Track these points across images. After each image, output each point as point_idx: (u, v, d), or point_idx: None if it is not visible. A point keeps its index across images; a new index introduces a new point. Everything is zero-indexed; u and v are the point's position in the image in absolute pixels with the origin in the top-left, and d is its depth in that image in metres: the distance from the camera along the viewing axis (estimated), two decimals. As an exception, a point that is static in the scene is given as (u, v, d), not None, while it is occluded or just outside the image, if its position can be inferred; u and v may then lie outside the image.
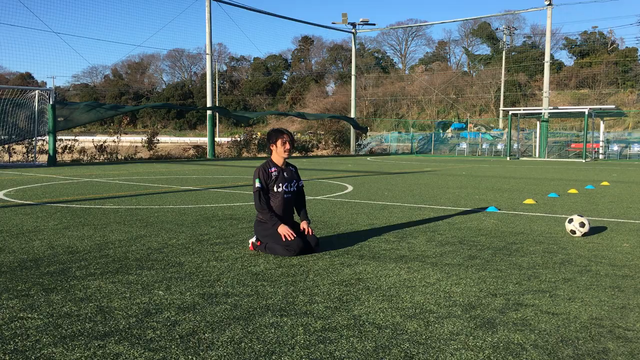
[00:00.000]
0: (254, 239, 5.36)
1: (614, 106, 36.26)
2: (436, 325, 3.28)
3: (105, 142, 25.91)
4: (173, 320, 3.33)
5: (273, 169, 5.34)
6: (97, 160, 24.76)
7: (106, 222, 6.99)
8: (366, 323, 3.31)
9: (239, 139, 33.63)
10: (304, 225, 5.36)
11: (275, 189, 5.31)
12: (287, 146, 5.34)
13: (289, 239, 5.04)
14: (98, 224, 6.84)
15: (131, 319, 3.34)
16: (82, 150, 25.38)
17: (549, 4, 34.41)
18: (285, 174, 5.40)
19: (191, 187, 11.96)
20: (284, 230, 5.08)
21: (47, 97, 21.60)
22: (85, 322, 3.27)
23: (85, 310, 3.49)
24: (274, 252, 5.14)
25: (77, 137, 26.15)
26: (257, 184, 5.27)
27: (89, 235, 6.11)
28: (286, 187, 5.36)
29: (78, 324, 3.24)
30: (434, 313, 3.51)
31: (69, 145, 24.86)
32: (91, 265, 4.71)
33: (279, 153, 5.37)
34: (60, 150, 23.79)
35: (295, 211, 5.58)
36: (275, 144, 5.36)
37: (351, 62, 43.46)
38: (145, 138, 29.05)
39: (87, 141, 27.04)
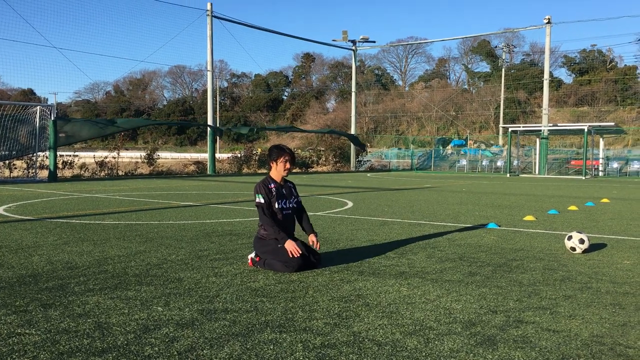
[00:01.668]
0: (253, 255, 5.34)
1: (613, 124, 36.36)
2: (436, 342, 3.26)
3: (106, 157, 25.94)
4: (172, 336, 3.31)
5: (272, 185, 5.33)
6: (98, 176, 24.77)
7: (106, 238, 6.98)
8: (366, 340, 3.29)
9: (239, 155, 33.68)
10: (312, 238, 5.36)
11: (275, 206, 5.30)
12: (288, 165, 5.34)
13: (296, 256, 4.98)
14: (97, 240, 6.83)
15: (129, 335, 3.33)
16: (83, 166, 25.41)
17: (547, 22, 34.67)
18: (283, 190, 5.40)
19: (191, 203, 11.96)
20: (291, 246, 5.01)
21: (49, 113, 21.69)
22: (83, 338, 3.25)
23: (83, 326, 3.47)
24: (273, 268, 5.13)
25: (77, 153, 26.19)
26: (259, 199, 5.24)
27: (88, 250, 6.10)
28: (284, 203, 5.35)
29: (76, 340, 3.22)
30: (434, 330, 3.49)
31: (69, 161, 24.88)
32: (90, 280, 4.70)
33: (278, 171, 5.36)
34: (60, 166, 23.80)
35: (300, 225, 5.57)
36: (275, 161, 5.35)
37: (351, 78, 43.68)
38: (145, 154, 29.10)
39: (88, 157, 27.08)
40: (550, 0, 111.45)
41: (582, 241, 6.18)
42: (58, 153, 22.88)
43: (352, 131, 41.52)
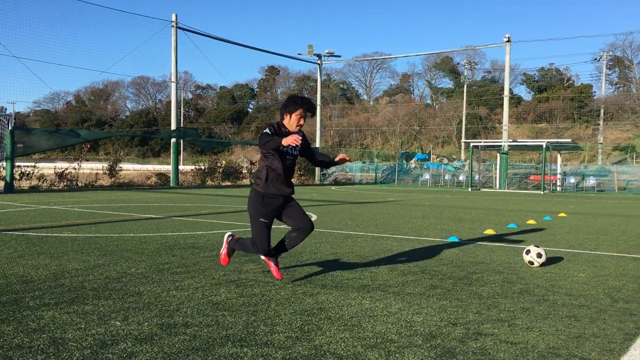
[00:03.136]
0: (229, 233, 5.42)
1: (570, 140, 37.45)
2: (397, 355, 3.28)
3: (66, 169, 25.31)
4: (129, 351, 3.25)
5: (284, 129, 5.06)
6: (57, 188, 24.17)
7: (63, 251, 6.81)
8: (327, 353, 3.29)
9: (203, 167, 33.37)
10: (341, 155, 5.26)
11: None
12: (301, 121, 5.06)
13: (297, 144, 4.64)
14: (54, 253, 6.65)
15: (86, 350, 3.25)
16: (41, 177, 24.74)
17: (507, 41, 35.61)
18: None
19: (153, 215, 11.77)
20: (289, 138, 4.64)
21: (6, 122, 21.11)
22: (38, 354, 3.16)
23: (37, 342, 3.37)
24: (245, 248, 5.14)
25: (36, 164, 25.50)
26: (267, 131, 4.95)
27: (44, 264, 5.94)
28: (290, 149, 5.07)
29: (29, 356, 3.13)
30: (395, 343, 3.51)
31: (27, 172, 24.19)
32: (45, 295, 4.57)
33: (291, 124, 5.06)
34: (18, 177, 23.13)
35: (319, 163, 5.60)
36: (290, 114, 5.04)
37: (317, 92, 43.91)
38: (106, 165, 28.53)
39: (47, 168, 26.38)
40: (511, 19, 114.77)
41: (539, 255, 6.32)
42: (15, 164, 22.26)
43: (317, 144, 41.67)
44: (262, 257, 5.29)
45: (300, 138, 4.70)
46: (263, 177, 5.03)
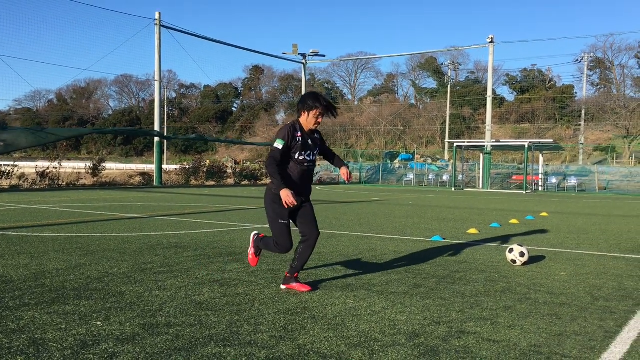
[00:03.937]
0: (255, 232, 5.32)
1: (552, 140, 37.80)
2: (381, 354, 3.29)
3: (48, 168, 25.01)
4: (111, 352, 3.21)
5: (299, 133, 4.83)
6: (38, 187, 23.87)
7: (44, 251, 6.72)
8: (311, 352, 3.29)
9: (187, 166, 33.19)
10: (344, 170, 5.07)
11: (296, 156, 4.81)
12: (320, 120, 4.91)
13: (290, 205, 4.63)
14: (35, 253, 6.57)
15: (66, 351, 3.21)
16: (22, 176, 24.42)
17: (490, 42, 35.90)
18: (310, 141, 4.91)
19: (136, 215, 11.68)
20: (285, 194, 4.58)
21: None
22: (17, 355, 3.11)
23: (17, 343, 3.33)
24: (268, 247, 5.02)
25: (17, 163, 25.16)
26: (278, 145, 4.71)
27: (24, 264, 5.86)
28: (308, 155, 4.88)
29: (9, 357, 3.08)
30: (379, 342, 3.52)
31: (7, 171, 23.86)
32: (26, 295, 4.51)
33: (308, 122, 4.88)
34: (-2, 176, 22.83)
35: (331, 162, 5.31)
36: (308, 112, 4.85)
37: (301, 92, 43.89)
38: (89, 164, 28.24)
39: (28, 167, 26.05)
40: (494, 20, 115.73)
41: (522, 254, 6.38)
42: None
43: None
44: (283, 287, 4.97)
45: (296, 202, 4.64)
46: None
